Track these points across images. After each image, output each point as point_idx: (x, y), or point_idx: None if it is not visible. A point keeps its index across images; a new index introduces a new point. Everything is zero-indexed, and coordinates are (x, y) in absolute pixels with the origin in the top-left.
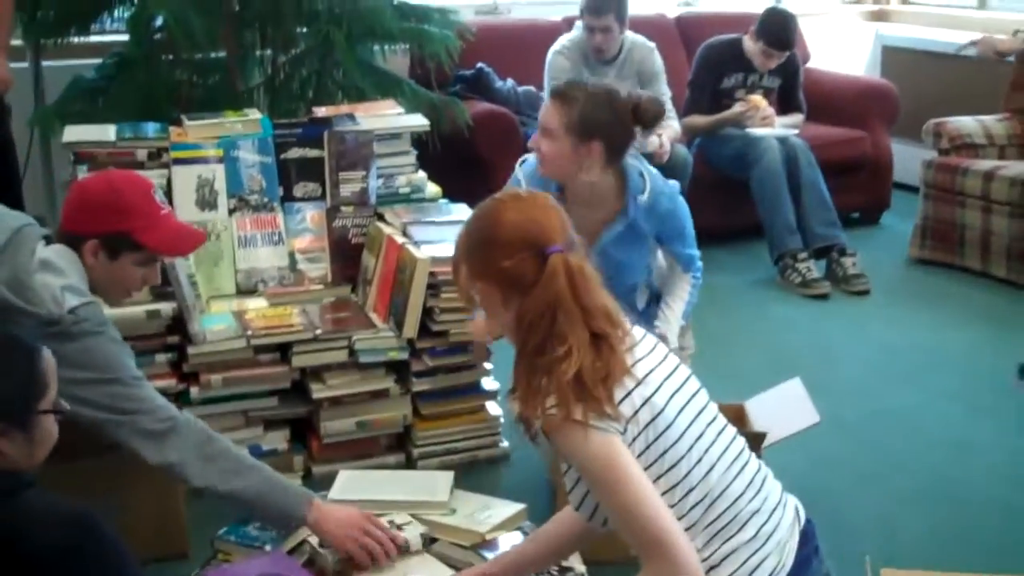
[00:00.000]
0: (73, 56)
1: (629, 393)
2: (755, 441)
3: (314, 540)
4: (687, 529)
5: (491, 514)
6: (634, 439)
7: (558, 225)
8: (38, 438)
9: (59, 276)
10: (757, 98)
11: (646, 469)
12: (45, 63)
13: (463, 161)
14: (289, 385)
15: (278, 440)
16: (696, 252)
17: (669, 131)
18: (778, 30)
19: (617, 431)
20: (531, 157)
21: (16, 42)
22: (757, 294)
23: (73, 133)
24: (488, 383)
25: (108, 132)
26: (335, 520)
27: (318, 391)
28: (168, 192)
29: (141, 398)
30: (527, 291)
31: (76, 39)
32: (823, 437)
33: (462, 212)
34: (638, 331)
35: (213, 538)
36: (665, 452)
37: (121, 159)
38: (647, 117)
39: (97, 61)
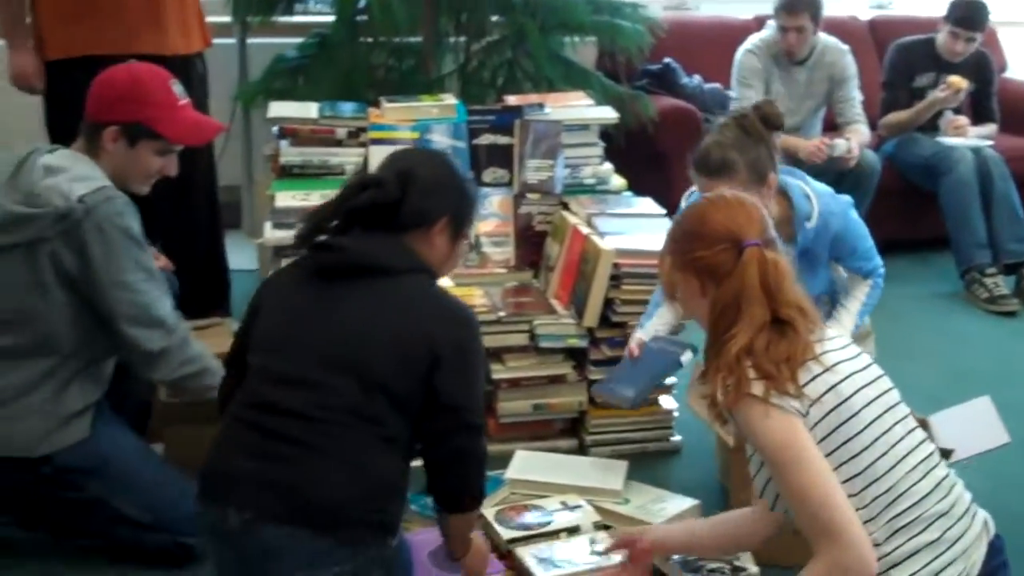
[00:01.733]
0: (277, 35)
1: (815, 377)
2: (940, 457)
3: (490, 515)
4: (867, 521)
5: (664, 507)
6: (817, 423)
7: (758, 223)
8: None
9: (63, 173)
10: (957, 79)
11: (828, 455)
12: (250, 41)
13: (645, 156)
14: None
15: None
16: (876, 261)
17: (858, 135)
18: (965, 9)
19: (798, 412)
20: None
21: (223, 19)
22: (940, 307)
23: (278, 109)
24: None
25: (310, 109)
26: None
27: (497, 372)
28: (364, 170)
29: (140, 306)
30: (722, 280)
31: (280, 18)
32: (1008, 458)
33: (647, 205)
34: (831, 331)
35: None
36: (849, 440)
37: (322, 135)
38: (773, 118)
39: (299, 40)
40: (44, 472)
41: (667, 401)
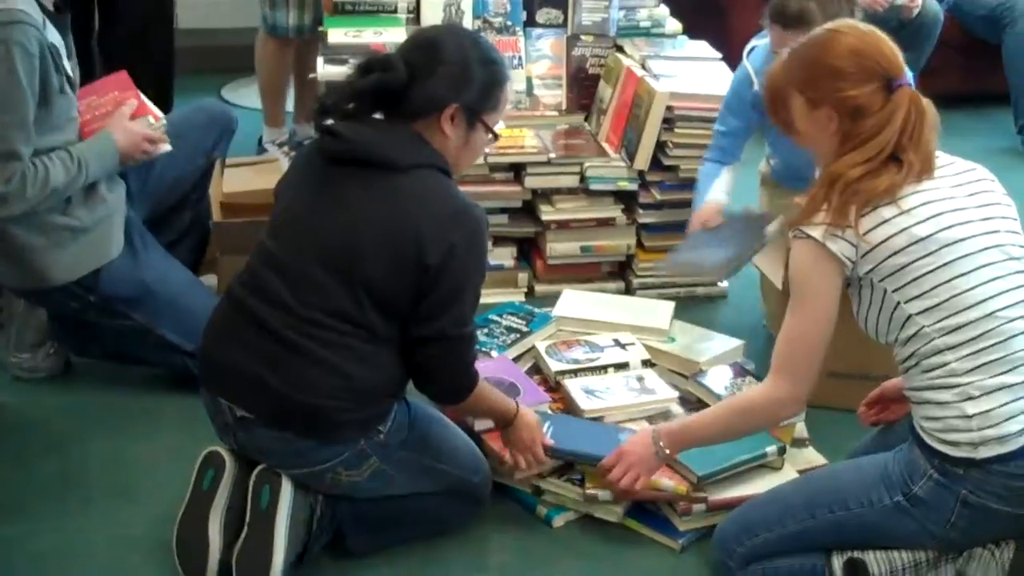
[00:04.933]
0: None
1: (885, 221)
2: None
3: (541, 348)
4: (947, 350)
5: (709, 346)
6: (880, 262)
7: (898, 57)
8: None
9: None
10: None
11: (897, 289)
12: None
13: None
14: (520, 205)
15: (505, 256)
16: None
17: None
18: None
19: (848, 259)
20: (760, 44)
21: None
22: (997, 162)
23: None
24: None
25: None
26: None
27: (547, 213)
28: (416, 9)
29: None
30: (864, 118)
31: None
32: None
33: (701, 49)
34: (958, 175)
35: None
36: (921, 276)
37: None
38: None
39: None
40: (91, 300)
41: None
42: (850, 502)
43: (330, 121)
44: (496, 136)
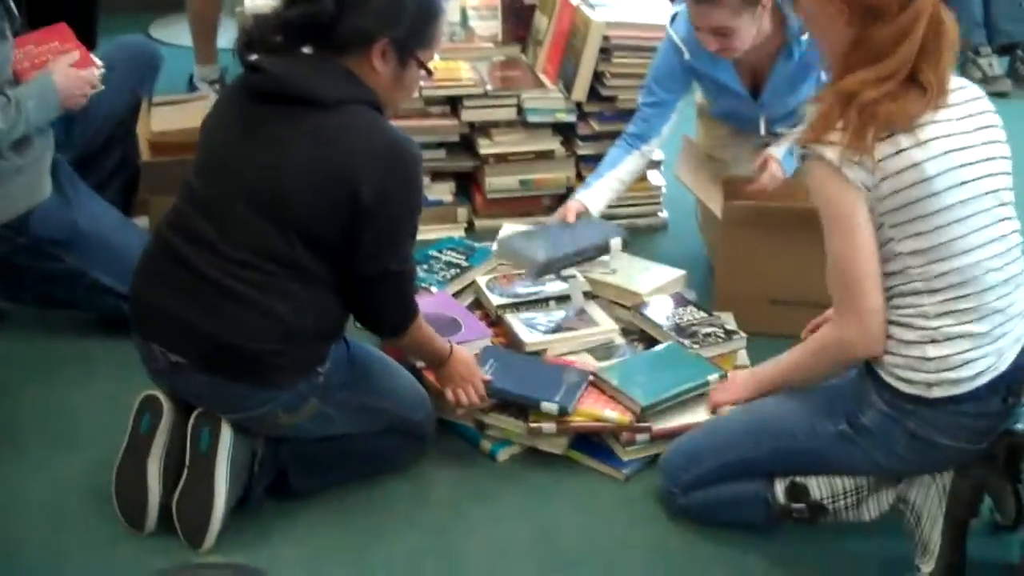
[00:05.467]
0: None
1: (900, 151)
2: None
3: (482, 283)
4: (924, 293)
5: (651, 276)
6: (889, 195)
7: None
8: None
9: None
10: None
11: (896, 225)
12: None
13: None
14: (457, 139)
15: (444, 192)
16: None
17: None
18: None
19: (863, 185)
20: (682, 10)
21: None
22: None
23: None
24: (654, 153)
25: None
26: None
27: (485, 147)
28: None
29: None
30: (880, 21)
31: None
32: None
33: None
34: (967, 103)
35: None
36: (921, 217)
37: None
38: None
39: None
40: (21, 243)
41: (655, 177)
42: (795, 430)
43: (255, 56)
44: (430, 73)
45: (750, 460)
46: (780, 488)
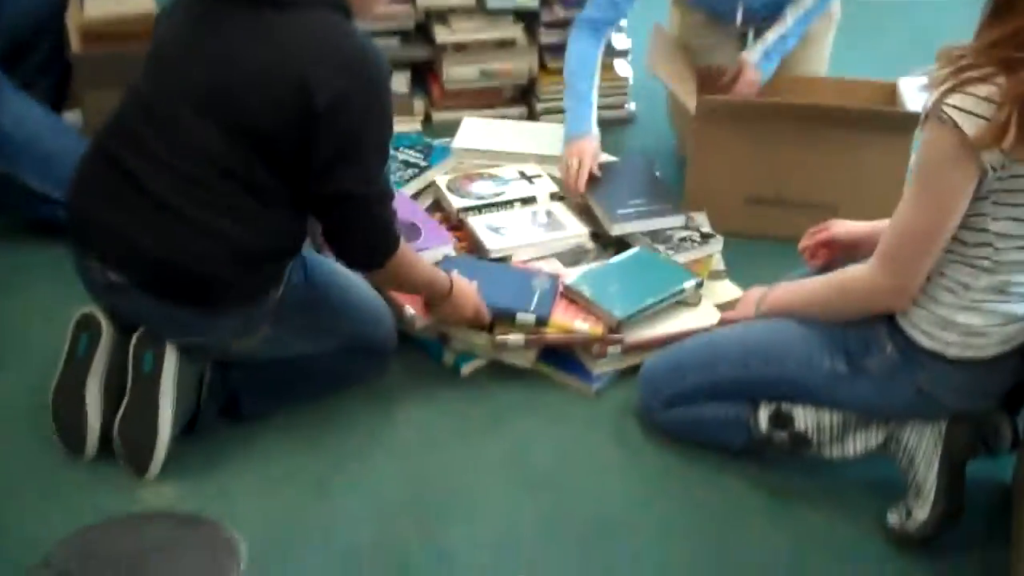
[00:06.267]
0: None
1: None
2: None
3: (442, 183)
4: (985, 272)
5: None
6: (1009, 178)
7: None
8: None
9: None
10: None
11: (1001, 205)
12: None
13: None
14: (413, 26)
15: (399, 83)
16: None
17: None
18: None
19: (991, 166)
20: None
21: None
22: None
23: None
24: (620, 40)
25: None
26: None
27: (442, 35)
28: None
29: None
30: None
31: None
32: None
33: None
34: None
35: None
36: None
37: None
38: None
39: None
40: None
41: (622, 67)
42: (787, 359)
43: None
44: None
45: (736, 380)
46: (764, 414)
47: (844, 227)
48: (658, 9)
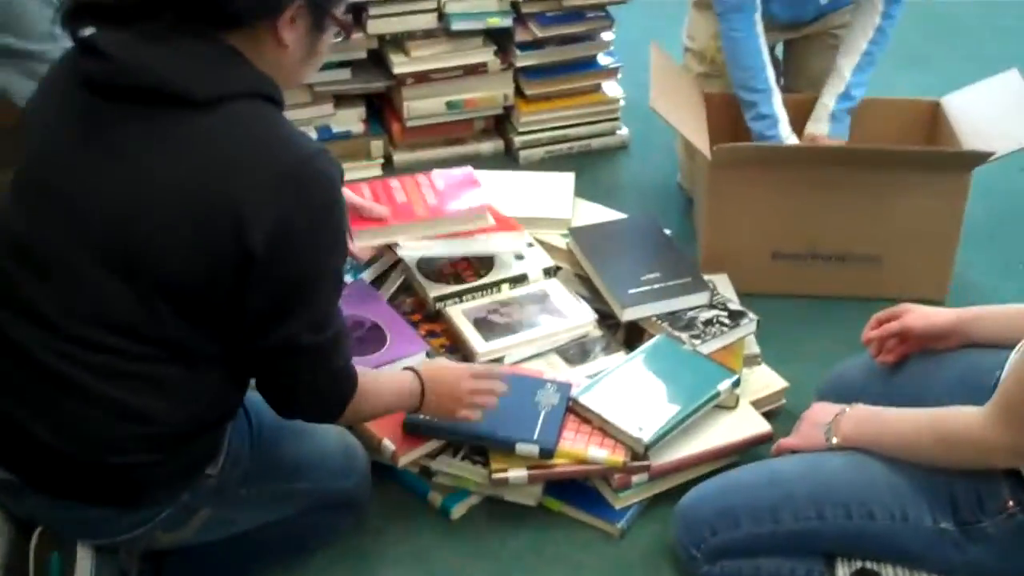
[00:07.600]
0: None
1: None
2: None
3: (412, 260)
4: None
5: None
6: None
7: None
8: None
9: None
10: None
11: None
12: None
13: None
14: (365, 55)
15: (352, 120)
16: None
17: None
18: None
19: None
20: None
21: None
22: None
23: None
24: (606, 59)
25: None
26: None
27: (400, 64)
28: None
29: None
30: None
31: None
32: None
33: None
34: None
35: None
36: None
37: None
38: None
39: None
40: None
41: (611, 88)
42: (875, 508)
43: (91, 30)
44: (349, 30)
45: (808, 535)
46: (843, 573)
47: (921, 318)
48: (654, 19)
